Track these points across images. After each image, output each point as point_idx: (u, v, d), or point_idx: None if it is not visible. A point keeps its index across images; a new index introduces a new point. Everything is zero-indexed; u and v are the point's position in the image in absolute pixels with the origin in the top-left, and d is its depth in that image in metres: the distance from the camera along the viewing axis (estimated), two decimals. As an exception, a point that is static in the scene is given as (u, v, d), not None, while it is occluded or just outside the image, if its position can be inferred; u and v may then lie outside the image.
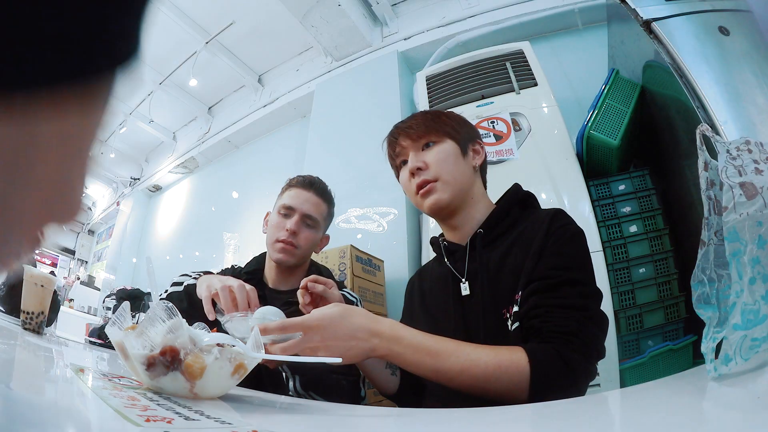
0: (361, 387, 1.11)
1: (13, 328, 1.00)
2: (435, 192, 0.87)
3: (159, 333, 0.52)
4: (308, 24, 3.24)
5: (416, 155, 0.91)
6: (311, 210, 1.24)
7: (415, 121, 0.94)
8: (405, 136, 0.93)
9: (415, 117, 0.96)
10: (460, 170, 0.90)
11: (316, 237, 1.26)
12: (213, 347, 0.53)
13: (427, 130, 0.92)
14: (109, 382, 0.51)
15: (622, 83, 1.98)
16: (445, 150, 0.90)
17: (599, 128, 1.90)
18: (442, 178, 0.87)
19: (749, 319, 0.44)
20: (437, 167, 0.88)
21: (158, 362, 0.49)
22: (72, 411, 0.34)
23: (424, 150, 0.91)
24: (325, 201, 1.28)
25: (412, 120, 0.96)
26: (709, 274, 0.48)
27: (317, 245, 1.30)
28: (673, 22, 1.55)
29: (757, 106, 1.37)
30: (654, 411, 0.40)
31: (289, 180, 1.31)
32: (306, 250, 1.25)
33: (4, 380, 0.43)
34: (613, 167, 1.99)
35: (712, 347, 0.46)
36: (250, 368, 0.57)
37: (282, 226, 1.22)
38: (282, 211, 1.24)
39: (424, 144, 0.92)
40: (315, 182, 1.29)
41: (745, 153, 0.49)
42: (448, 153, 0.90)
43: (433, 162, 0.88)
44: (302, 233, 1.22)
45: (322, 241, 1.32)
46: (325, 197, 1.28)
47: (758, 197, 0.45)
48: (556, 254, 0.74)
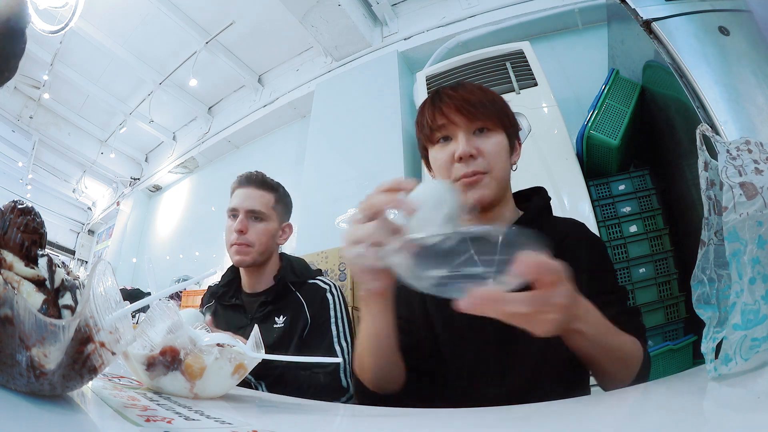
0: (342, 378, 1.08)
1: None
2: (482, 186, 0.77)
3: (159, 333, 0.52)
4: (308, 24, 3.23)
5: (468, 139, 0.78)
6: (254, 204, 1.22)
7: (474, 96, 0.80)
8: (459, 112, 0.79)
9: (473, 91, 0.81)
10: (507, 167, 0.82)
11: (269, 229, 1.23)
12: (213, 347, 0.53)
13: (486, 113, 0.79)
14: (109, 382, 0.50)
15: (622, 83, 1.97)
16: (501, 143, 0.80)
17: (599, 128, 1.90)
18: (493, 173, 0.78)
19: (749, 319, 0.44)
20: (492, 159, 0.78)
21: (158, 362, 0.49)
22: (72, 411, 0.34)
23: (476, 135, 0.80)
24: (267, 190, 1.26)
25: (468, 92, 0.81)
26: (709, 274, 0.48)
27: (278, 236, 1.27)
28: (673, 22, 1.54)
29: (757, 106, 1.36)
30: (654, 411, 0.40)
31: (233, 181, 1.30)
32: (262, 245, 1.22)
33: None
34: (613, 167, 1.99)
35: (712, 347, 0.46)
36: (251, 368, 0.56)
37: (231, 229, 1.21)
38: (229, 215, 1.25)
39: (478, 127, 0.80)
40: (252, 176, 1.27)
41: (745, 153, 0.49)
42: (502, 146, 0.80)
43: (490, 153, 0.78)
44: (251, 229, 1.20)
45: (285, 231, 1.30)
46: (265, 187, 1.26)
47: (758, 197, 0.45)
48: (610, 271, 0.80)
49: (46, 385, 0.33)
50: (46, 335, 0.32)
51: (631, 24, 1.67)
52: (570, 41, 2.68)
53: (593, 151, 1.96)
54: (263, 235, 1.22)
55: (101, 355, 0.35)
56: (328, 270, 2.46)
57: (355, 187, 2.84)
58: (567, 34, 2.74)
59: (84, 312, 0.33)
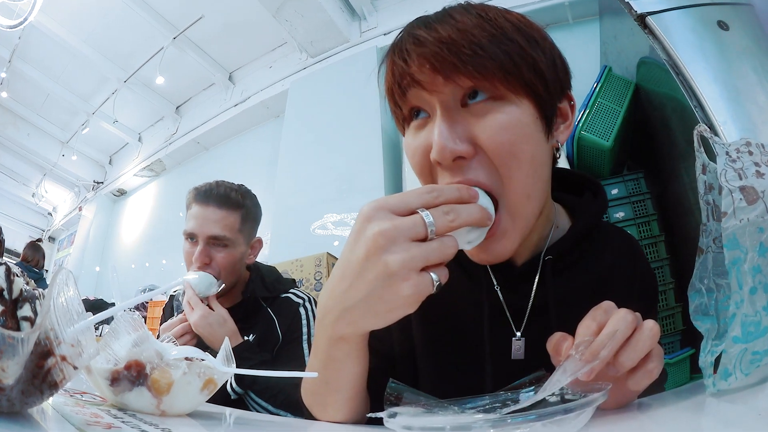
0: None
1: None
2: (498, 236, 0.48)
3: (123, 346, 0.51)
4: (282, 18, 3.18)
5: (450, 118, 0.47)
6: (216, 230, 1.09)
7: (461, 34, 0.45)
8: (431, 64, 0.45)
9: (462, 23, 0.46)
10: (542, 172, 0.51)
11: (234, 254, 1.12)
12: (181, 361, 0.52)
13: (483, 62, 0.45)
14: (71, 398, 0.50)
15: (614, 81, 1.94)
16: (517, 120, 0.46)
17: (591, 129, 1.86)
18: (517, 201, 0.48)
19: (750, 332, 0.43)
20: (503, 159, 0.47)
21: (123, 377, 0.49)
22: (31, 429, 0.34)
23: (467, 106, 0.47)
24: (231, 209, 1.13)
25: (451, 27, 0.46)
26: (707, 284, 0.48)
27: (246, 257, 1.18)
28: (669, 15, 1.51)
29: (758, 105, 1.32)
30: (650, 429, 0.40)
31: (189, 193, 1.16)
32: (229, 274, 1.12)
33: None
34: (606, 170, 1.96)
35: (711, 361, 0.45)
36: (221, 383, 0.56)
37: (191, 255, 1.09)
38: (186, 238, 1.12)
39: (468, 90, 0.47)
40: (212, 191, 1.12)
41: (746, 155, 0.48)
42: (523, 133, 0.47)
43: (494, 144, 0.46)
44: (215, 258, 1.10)
45: (254, 248, 1.21)
46: (229, 205, 1.12)
47: (759, 202, 0.44)
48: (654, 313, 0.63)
49: (4, 401, 0.33)
50: (4, 348, 0.32)
51: (625, 18, 1.66)
52: (560, 36, 2.48)
53: (584, 153, 1.92)
54: (228, 262, 1.11)
55: (62, 370, 0.35)
56: (303, 279, 2.44)
57: (332, 191, 2.82)
58: (556, 28, 2.70)
59: (44, 324, 0.34)
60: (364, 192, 2.65)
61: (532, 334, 0.55)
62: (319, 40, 3.39)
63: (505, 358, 0.55)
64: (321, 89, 3.37)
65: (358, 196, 2.68)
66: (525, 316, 0.55)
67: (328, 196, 2.80)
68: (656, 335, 0.39)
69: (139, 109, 4.77)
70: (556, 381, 0.37)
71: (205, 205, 1.10)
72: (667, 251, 1.78)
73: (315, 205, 2.82)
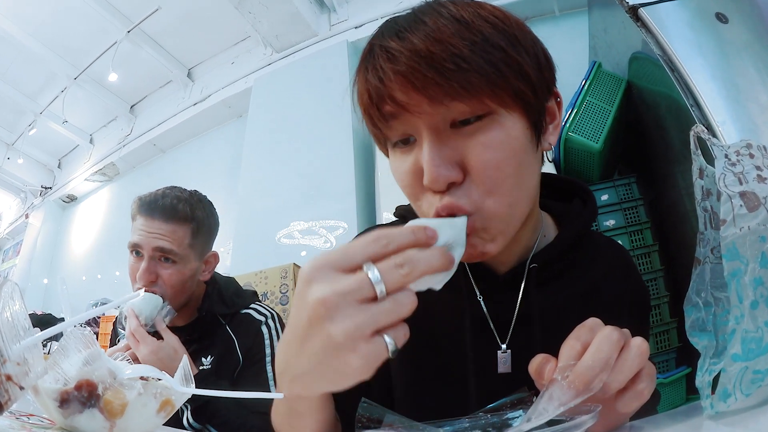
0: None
1: None
2: (481, 242, 0.49)
3: (74, 365, 0.51)
4: (245, 10, 3.13)
5: (440, 141, 0.46)
6: (164, 243, 1.05)
7: (440, 45, 0.43)
8: (412, 85, 0.44)
9: (439, 30, 0.44)
10: (528, 181, 0.51)
11: (184, 272, 1.08)
12: (136, 381, 0.52)
13: (469, 78, 0.43)
14: (17, 421, 0.50)
15: (604, 78, 1.93)
16: (511, 138, 0.47)
17: (579, 130, 1.85)
18: (497, 210, 0.48)
19: (751, 349, 0.42)
20: (494, 180, 0.47)
21: (73, 398, 0.49)
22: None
23: (456, 128, 0.46)
24: (180, 223, 1.09)
25: (427, 37, 0.44)
26: (704, 297, 0.48)
27: (199, 274, 1.15)
28: (664, 7, 1.49)
29: (759, 104, 1.30)
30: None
31: (133, 202, 1.13)
32: (178, 292, 1.09)
33: None
34: (595, 174, 1.96)
35: (709, 381, 0.45)
36: (179, 404, 0.56)
37: (136, 270, 1.05)
38: (131, 251, 1.08)
39: (458, 115, 0.46)
40: (157, 202, 1.08)
41: (746, 158, 0.47)
42: (513, 146, 0.47)
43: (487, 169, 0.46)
44: (162, 274, 1.06)
45: (209, 263, 1.17)
46: (177, 219, 1.08)
47: (761, 209, 0.43)
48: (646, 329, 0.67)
49: (-57, 424, 0.34)
50: (-55, 368, 0.33)
51: (616, 10, 1.63)
52: (545, 30, 2.63)
53: (572, 155, 1.92)
54: (178, 282, 1.07)
55: (7, 390, 0.36)
56: (268, 292, 2.40)
57: (299, 196, 2.80)
58: (542, 21, 2.72)
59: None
60: (334, 197, 2.64)
61: (519, 346, 0.57)
62: (285, 34, 3.36)
63: (490, 373, 0.57)
64: (287, 87, 3.34)
65: (328, 202, 2.68)
66: (510, 328, 0.58)
67: (295, 202, 2.77)
68: (645, 353, 0.40)
69: (91, 109, 4.68)
70: (542, 410, 0.37)
71: (149, 217, 1.06)
72: (661, 262, 1.79)
73: (281, 212, 2.78)
